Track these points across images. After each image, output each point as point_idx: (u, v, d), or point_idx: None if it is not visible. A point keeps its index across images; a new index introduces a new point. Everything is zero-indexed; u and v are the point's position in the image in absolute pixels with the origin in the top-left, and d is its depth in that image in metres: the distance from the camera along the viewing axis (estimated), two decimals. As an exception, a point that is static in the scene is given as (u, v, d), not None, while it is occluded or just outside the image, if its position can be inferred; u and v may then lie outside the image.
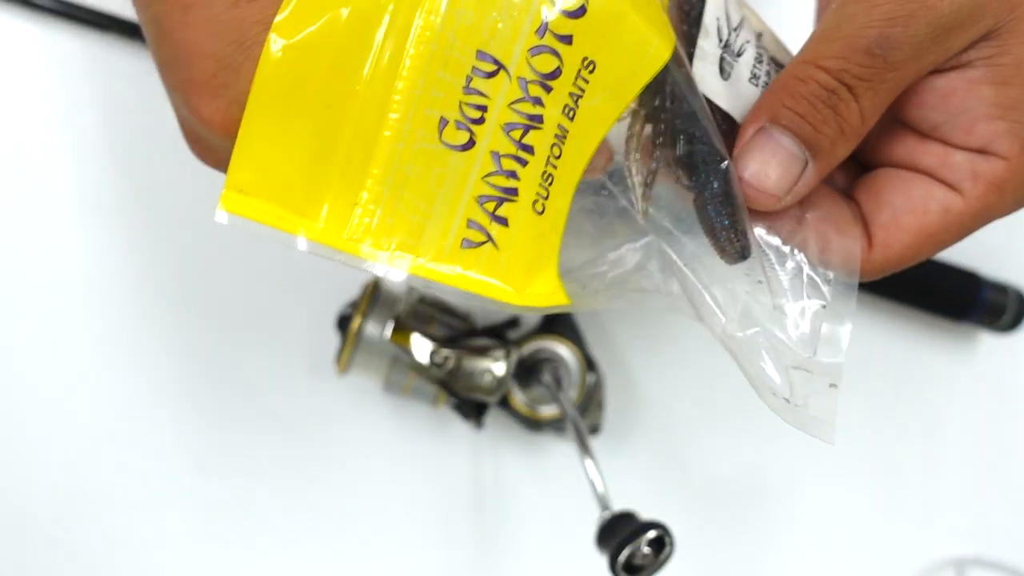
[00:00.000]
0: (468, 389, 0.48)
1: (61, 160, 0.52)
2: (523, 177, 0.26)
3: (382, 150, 0.25)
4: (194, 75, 0.25)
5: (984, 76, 0.28)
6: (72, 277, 0.53)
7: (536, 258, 0.27)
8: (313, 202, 0.26)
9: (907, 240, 0.30)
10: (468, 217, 0.26)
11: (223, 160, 0.27)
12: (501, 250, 0.27)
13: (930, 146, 0.30)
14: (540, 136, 0.26)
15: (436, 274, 0.27)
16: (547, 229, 0.27)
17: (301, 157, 0.25)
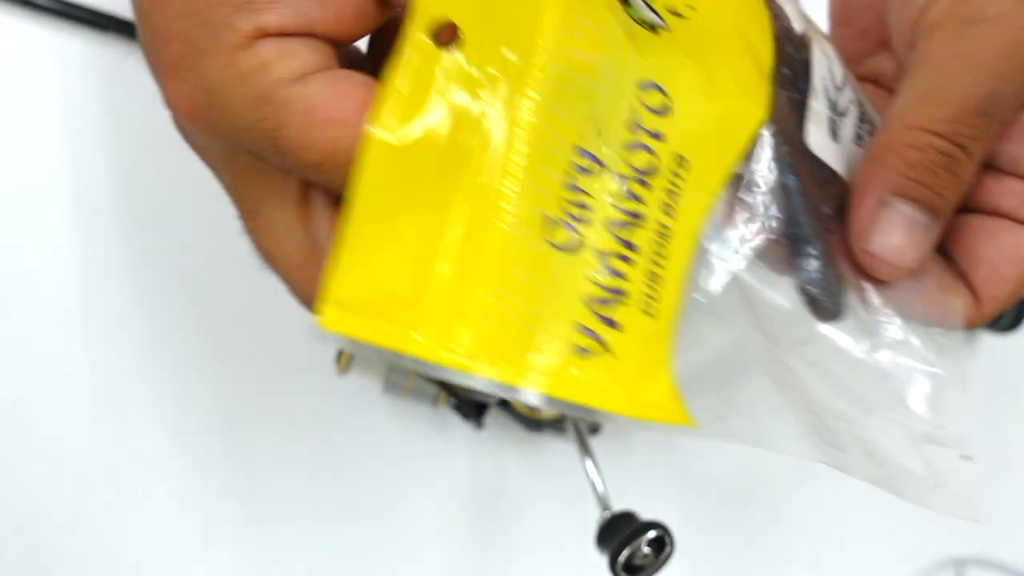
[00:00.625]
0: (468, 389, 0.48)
1: (61, 160, 0.52)
2: (631, 277, 0.25)
3: (490, 255, 0.24)
4: (163, 58, 0.25)
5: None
6: (71, 277, 0.53)
7: (652, 367, 0.25)
8: (417, 314, 0.24)
9: (1011, 288, 0.30)
10: (578, 322, 0.24)
11: (205, 149, 0.27)
12: (617, 357, 0.24)
13: (1007, 183, 0.30)
14: (643, 234, 0.25)
15: (550, 387, 0.24)
16: (659, 332, 0.25)
17: (405, 266, 0.24)
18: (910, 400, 0.30)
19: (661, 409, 0.25)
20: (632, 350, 0.25)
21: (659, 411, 0.25)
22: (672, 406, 0.25)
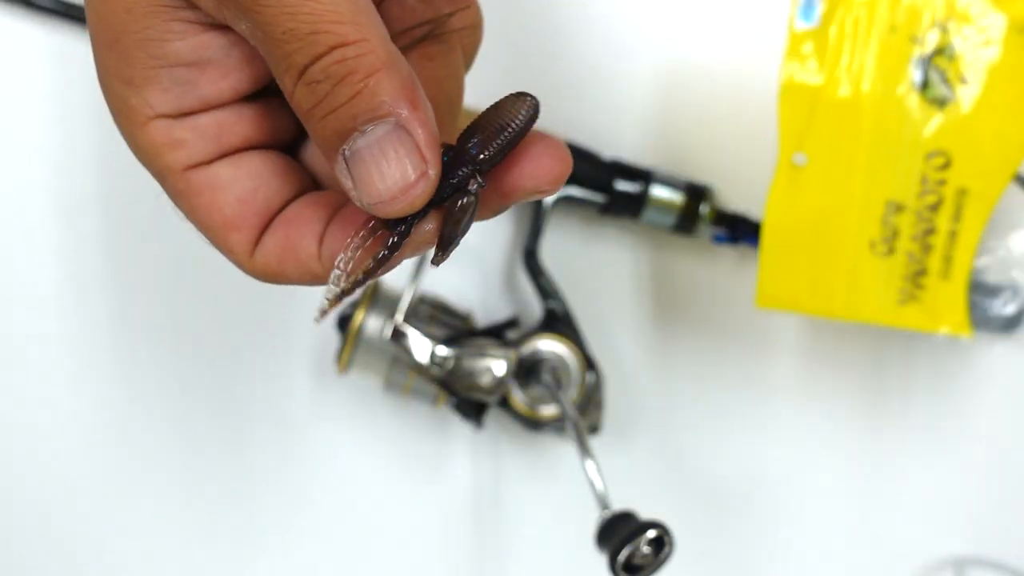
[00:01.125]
0: (468, 389, 0.48)
1: (61, 160, 0.53)
2: (928, 264, 0.47)
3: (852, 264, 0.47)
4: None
5: None
6: (72, 277, 0.53)
7: (949, 306, 0.47)
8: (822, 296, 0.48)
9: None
10: (900, 288, 0.47)
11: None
12: (923, 303, 0.47)
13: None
14: (935, 239, 0.46)
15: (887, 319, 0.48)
16: (954, 289, 0.47)
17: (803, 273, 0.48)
18: None
19: (951, 325, 0.47)
20: (932, 298, 0.47)
21: (949, 326, 0.47)
22: (960, 323, 0.47)
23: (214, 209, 0.26)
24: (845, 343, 0.56)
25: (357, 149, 0.23)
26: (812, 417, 0.56)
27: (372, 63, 0.23)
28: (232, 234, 0.27)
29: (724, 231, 0.53)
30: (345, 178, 0.23)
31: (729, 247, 0.55)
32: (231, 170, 0.26)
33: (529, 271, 0.51)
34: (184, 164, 0.26)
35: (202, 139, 0.26)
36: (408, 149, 0.23)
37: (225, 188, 0.26)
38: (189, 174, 0.26)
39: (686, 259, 0.55)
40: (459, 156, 0.24)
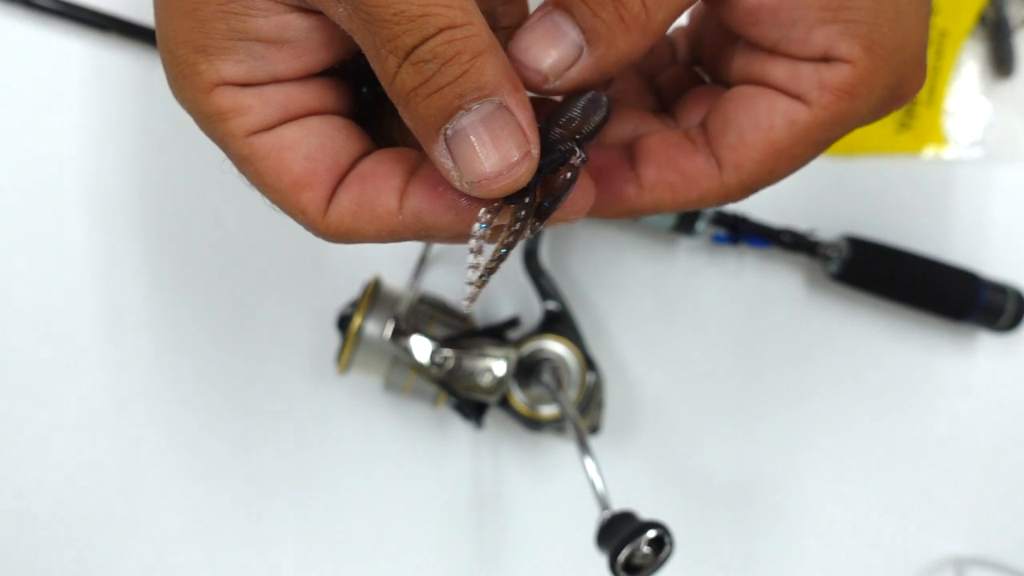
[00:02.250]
0: (468, 389, 0.48)
1: (61, 160, 0.53)
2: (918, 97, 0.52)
3: None
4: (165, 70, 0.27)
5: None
6: (73, 277, 0.53)
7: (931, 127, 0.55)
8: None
9: (757, 157, 0.28)
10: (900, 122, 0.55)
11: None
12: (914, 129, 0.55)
13: (778, 61, 0.28)
14: None
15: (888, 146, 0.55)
16: (934, 113, 0.55)
17: None
18: None
19: (934, 143, 0.55)
20: (920, 124, 0.54)
21: (933, 144, 0.55)
22: (940, 140, 0.55)
23: (282, 170, 0.26)
24: (845, 343, 0.56)
25: (461, 128, 0.24)
26: (812, 417, 0.56)
27: (477, 45, 0.24)
28: (303, 193, 0.27)
29: (724, 231, 0.53)
30: (445, 159, 0.24)
31: (729, 247, 0.55)
32: (296, 130, 0.27)
33: (529, 271, 0.51)
34: (249, 129, 0.26)
35: (268, 106, 0.26)
36: (511, 129, 0.24)
37: (292, 147, 0.26)
38: (253, 139, 0.26)
39: (686, 259, 0.55)
40: (551, 135, 0.26)
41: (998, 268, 0.54)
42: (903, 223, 0.55)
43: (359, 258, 0.53)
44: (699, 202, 0.29)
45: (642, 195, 0.29)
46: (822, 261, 0.54)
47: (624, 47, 0.26)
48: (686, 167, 0.29)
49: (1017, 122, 0.56)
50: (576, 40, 0.26)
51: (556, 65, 0.26)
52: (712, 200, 0.29)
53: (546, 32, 0.26)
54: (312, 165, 0.27)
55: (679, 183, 0.29)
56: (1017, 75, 0.55)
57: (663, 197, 0.29)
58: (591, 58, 0.26)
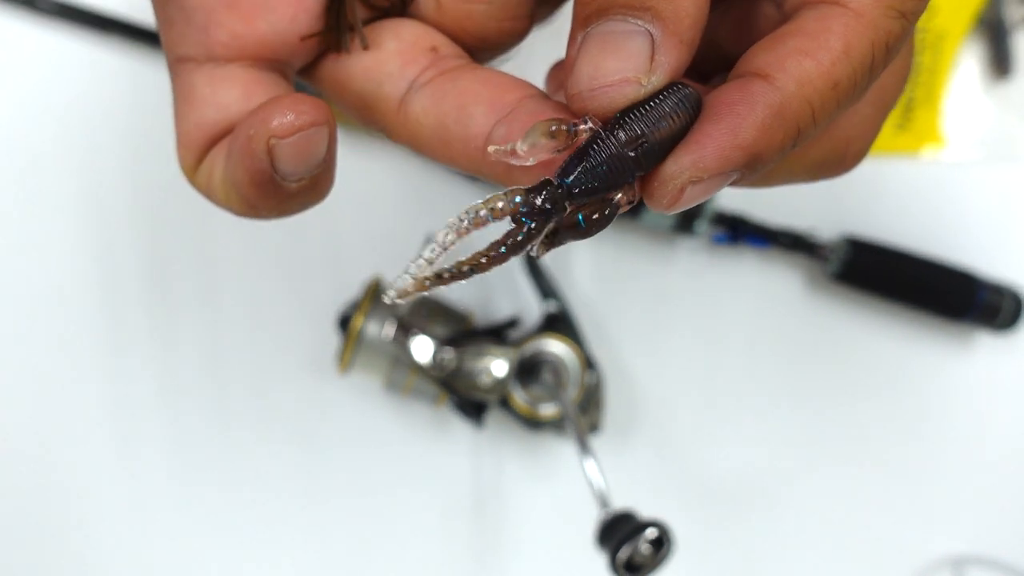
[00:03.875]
0: (468, 389, 0.48)
1: (61, 160, 0.53)
2: (916, 95, 0.55)
3: None
4: None
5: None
6: (72, 277, 0.53)
7: (929, 126, 0.55)
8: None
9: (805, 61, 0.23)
10: (897, 124, 0.55)
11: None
12: (910, 131, 0.55)
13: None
14: (919, 77, 0.55)
15: (887, 146, 0.55)
16: (933, 112, 0.55)
17: None
18: None
19: (932, 142, 0.55)
20: (918, 124, 0.55)
21: (931, 144, 0.55)
22: (937, 139, 0.55)
23: (178, 117, 0.27)
24: (844, 343, 0.56)
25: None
26: (812, 417, 0.56)
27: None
28: (181, 148, 0.27)
29: (724, 231, 0.53)
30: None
31: (729, 247, 0.55)
32: (208, 86, 0.26)
33: (529, 271, 0.51)
34: (176, 54, 0.26)
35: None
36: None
37: (198, 101, 0.26)
38: (179, 66, 0.26)
39: (686, 259, 0.55)
40: (614, 141, 0.22)
41: (996, 268, 0.54)
42: (902, 223, 0.55)
43: (360, 258, 0.53)
44: (848, 54, 0.22)
45: (775, 82, 0.22)
46: (821, 261, 0.54)
47: (693, 10, 0.22)
48: (801, 26, 0.23)
49: (1015, 122, 0.56)
50: (639, 28, 0.22)
51: (640, 61, 0.22)
52: (863, 40, 0.23)
53: (603, 42, 0.22)
54: (195, 133, 0.26)
55: (806, 43, 0.22)
56: (1015, 75, 0.55)
57: (803, 68, 0.22)
58: (667, 33, 0.22)
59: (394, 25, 0.27)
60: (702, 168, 0.22)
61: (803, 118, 0.22)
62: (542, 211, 0.21)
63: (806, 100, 0.22)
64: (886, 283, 0.54)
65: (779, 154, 0.22)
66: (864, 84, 0.23)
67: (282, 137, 0.23)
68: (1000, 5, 0.55)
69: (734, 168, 0.22)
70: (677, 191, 0.22)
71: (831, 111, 0.23)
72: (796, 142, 0.22)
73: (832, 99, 0.22)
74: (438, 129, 0.25)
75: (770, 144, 0.22)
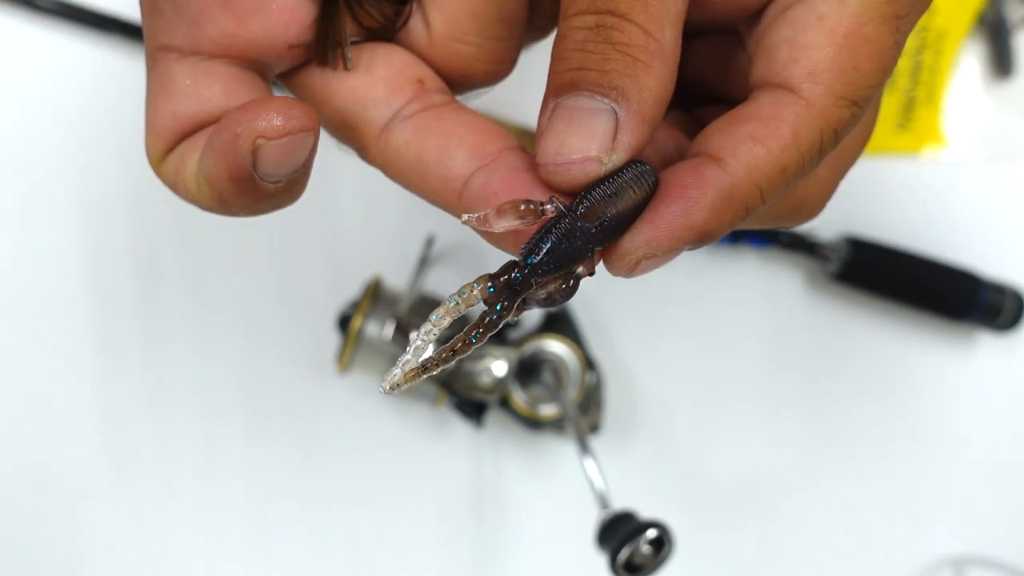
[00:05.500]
0: (468, 389, 0.48)
1: (61, 160, 0.53)
2: (917, 94, 0.55)
3: None
4: None
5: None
6: (70, 278, 0.53)
7: (931, 126, 0.55)
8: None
9: (826, 55, 0.24)
10: (897, 123, 0.55)
11: None
12: (911, 130, 0.56)
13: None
14: (922, 74, 0.54)
15: (888, 145, 0.56)
16: (934, 112, 0.55)
17: None
18: None
19: (933, 142, 0.55)
20: (919, 124, 0.55)
21: (932, 144, 0.55)
22: (939, 140, 0.55)
23: (151, 106, 0.26)
24: (844, 343, 0.56)
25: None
26: (812, 417, 0.56)
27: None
28: (150, 135, 0.26)
29: (724, 231, 0.53)
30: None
31: (729, 247, 0.55)
32: (188, 79, 0.26)
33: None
34: (159, 43, 0.26)
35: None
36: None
37: (172, 92, 0.26)
38: (159, 54, 0.26)
39: (686, 259, 0.55)
40: (576, 220, 0.23)
41: (997, 268, 0.54)
42: (902, 223, 0.55)
43: (360, 258, 0.53)
44: (796, 141, 0.24)
45: (728, 167, 0.23)
46: (822, 261, 0.54)
47: (654, 83, 0.23)
48: (754, 111, 0.24)
49: (1016, 122, 0.56)
50: (604, 106, 0.23)
51: (603, 141, 0.23)
52: (812, 130, 0.24)
53: (569, 118, 0.23)
54: (169, 122, 0.26)
55: (758, 129, 0.24)
56: (1016, 75, 0.55)
57: (752, 155, 0.23)
58: (630, 113, 0.23)
59: (384, 51, 0.27)
60: (655, 246, 0.23)
61: (751, 199, 0.24)
62: (511, 292, 0.23)
63: (754, 184, 0.23)
64: (886, 283, 0.54)
65: (728, 230, 0.24)
66: (812, 165, 0.24)
67: (270, 139, 0.23)
68: (1000, 5, 0.55)
69: (685, 244, 0.24)
70: (632, 264, 0.24)
71: (778, 191, 0.24)
72: (744, 218, 0.24)
73: (780, 181, 0.24)
74: (417, 163, 0.26)
75: (719, 223, 0.23)
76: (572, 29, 0.23)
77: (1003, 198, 0.56)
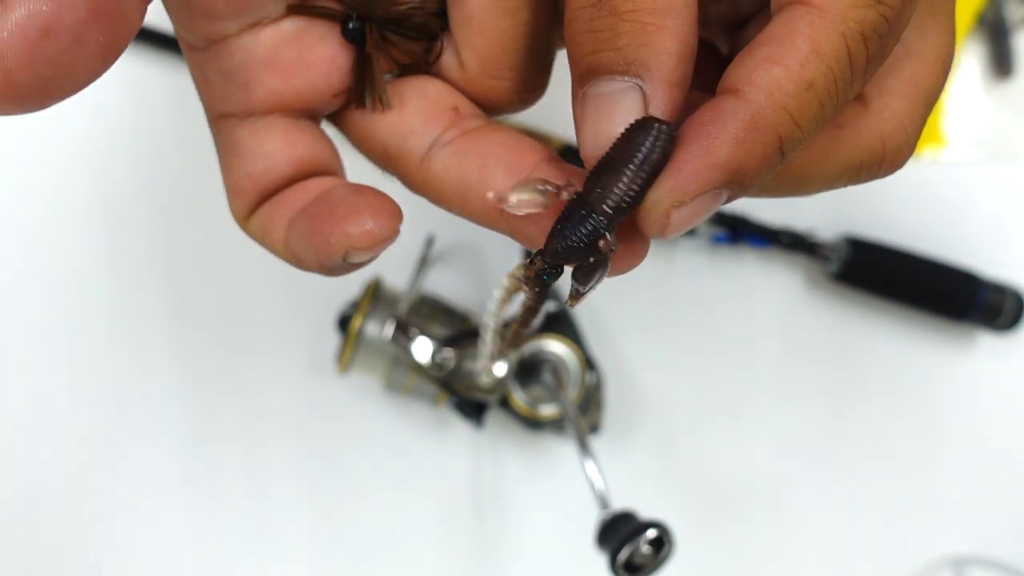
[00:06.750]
0: (468, 389, 0.48)
1: (62, 161, 0.53)
2: None
3: None
4: None
5: None
6: (73, 278, 0.53)
7: (930, 132, 0.51)
8: None
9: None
10: None
11: None
12: None
13: None
14: None
15: None
16: (932, 116, 0.47)
17: None
18: None
19: (933, 143, 0.53)
20: None
21: (931, 145, 0.53)
22: (938, 141, 0.53)
23: (227, 167, 0.28)
24: (844, 343, 0.56)
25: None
26: (812, 417, 0.56)
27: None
28: (231, 195, 0.28)
29: (724, 231, 0.53)
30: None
31: (729, 247, 0.55)
32: (250, 138, 0.27)
33: (529, 271, 0.51)
34: (217, 112, 0.27)
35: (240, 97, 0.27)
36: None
37: (241, 155, 0.27)
38: (221, 121, 0.27)
39: (686, 259, 0.55)
40: (584, 203, 0.23)
41: (997, 268, 0.54)
42: (903, 223, 0.55)
43: (359, 258, 0.53)
44: (817, 53, 0.22)
45: (746, 96, 0.22)
46: (822, 261, 0.54)
47: (671, 43, 0.22)
48: (767, 35, 0.22)
49: (1016, 122, 0.56)
50: (628, 85, 0.22)
51: (624, 119, 0.22)
52: (832, 36, 0.22)
53: (598, 107, 0.23)
54: (246, 183, 0.27)
55: (773, 50, 0.22)
56: (1016, 75, 0.55)
57: (773, 77, 0.22)
58: (655, 83, 0.22)
59: (419, 83, 0.28)
60: (681, 192, 0.22)
61: (782, 125, 0.22)
62: (539, 280, 0.25)
63: (780, 107, 0.22)
64: (886, 283, 0.54)
65: (767, 166, 0.22)
66: (849, 79, 0.22)
67: (360, 250, 0.24)
68: (1000, 5, 0.55)
69: (716, 186, 0.22)
70: (662, 217, 0.22)
71: (815, 113, 0.22)
72: (784, 150, 0.22)
73: (812, 101, 0.22)
74: (459, 186, 0.26)
75: (750, 157, 0.22)
76: (576, 11, 0.22)
77: (1003, 198, 0.56)
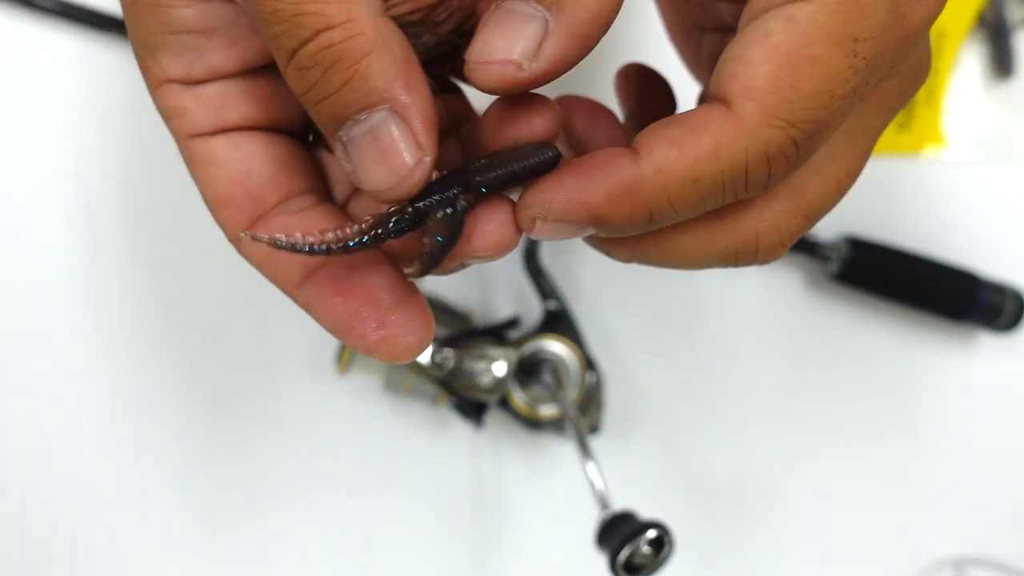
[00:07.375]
0: (468, 389, 0.48)
1: (61, 161, 0.53)
2: (916, 97, 0.54)
3: None
4: None
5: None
6: (69, 280, 0.53)
7: (931, 126, 0.56)
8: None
9: (764, 72, 0.23)
10: (899, 123, 0.55)
11: None
12: (912, 129, 0.56)
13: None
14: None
15: (891, 146, 0.55)
16: (934, 113, 0.56)
17: None
18: None
19: (934, 142, 0.55)
20: (919, 124, 0.55)
21: (932, 144, 0.55)
22: (939, 140, 0.55)
23: (207, 183, 0.27)
24: (844, 343, 0.56)
25: (352, 137, 0.23)
26: (812, 417, 0.56)
27: (361, 46, 0.22)
28: (222, 211, 0.27)
29: (724, 231, 0.53)
30: (346, 162, 0.23)
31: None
32: (228, 148, 0.27)
33: (529, 271, 0.51)
34: (187, 132, 0.26)
35: (203, 110, 0.26)
36: (404, 136, 0.23)
37: (220, 165, 0.27)
38: (191, 142, 0.27)
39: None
40: (456, 175, 0.24)
41: (997, 268, 0.54)
42: (903, 223, 0.55)
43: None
44: (716, 154, 0.23)
45: (639, 162, 0.23)
46: (822, 261, 0.54)
47: (594, 5, 0.23)
48: (686, 117, 0.24)
49: (1017, 122, 0.56)
50: (537, 13, 0.23)
51: (526, 46, 0.23)
52: (736, 146, 0.23)
53: (502, 20, 0.23)
54: (233, 190, 0.27)
55: (682, 134, 0.23)
56: (1016, 75, 0.55)
57: (667, 158, 0.23)
58: (560, 24, 0.23)
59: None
60: (547, 210, 0.24)
61: (656, 202, 0.23)
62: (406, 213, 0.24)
63: (661, 186, 0.23)
64: (886, 283, 0.54)
65: (630, 225, 0.24)
66: (742, 186, 0.24)
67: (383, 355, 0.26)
68: (1001, 5, 0.55)
69: (578, 220, 0.24)
70: (529, 220, 0.24)
71: (693, 203, 0.24)
72: (653, 220, 0.24)
73: (693, 193, 0.23)
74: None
75: (616, 213, 0.23)
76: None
77: (1003, 198, 0.56)
